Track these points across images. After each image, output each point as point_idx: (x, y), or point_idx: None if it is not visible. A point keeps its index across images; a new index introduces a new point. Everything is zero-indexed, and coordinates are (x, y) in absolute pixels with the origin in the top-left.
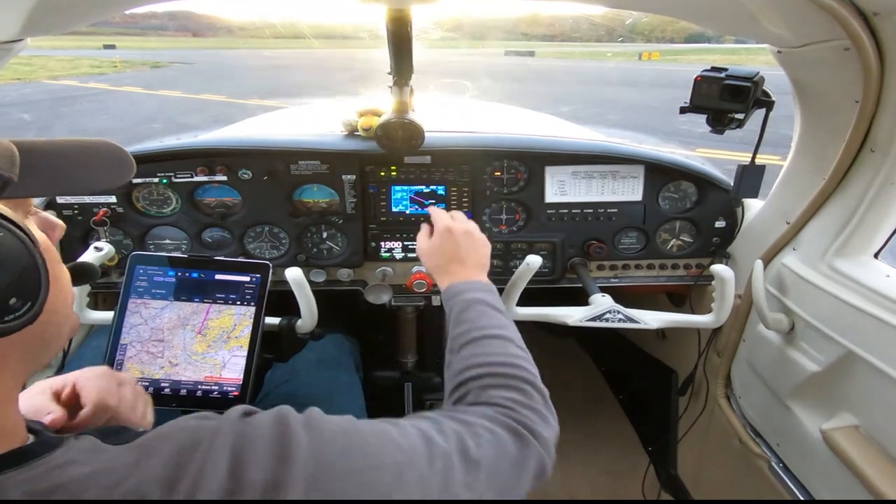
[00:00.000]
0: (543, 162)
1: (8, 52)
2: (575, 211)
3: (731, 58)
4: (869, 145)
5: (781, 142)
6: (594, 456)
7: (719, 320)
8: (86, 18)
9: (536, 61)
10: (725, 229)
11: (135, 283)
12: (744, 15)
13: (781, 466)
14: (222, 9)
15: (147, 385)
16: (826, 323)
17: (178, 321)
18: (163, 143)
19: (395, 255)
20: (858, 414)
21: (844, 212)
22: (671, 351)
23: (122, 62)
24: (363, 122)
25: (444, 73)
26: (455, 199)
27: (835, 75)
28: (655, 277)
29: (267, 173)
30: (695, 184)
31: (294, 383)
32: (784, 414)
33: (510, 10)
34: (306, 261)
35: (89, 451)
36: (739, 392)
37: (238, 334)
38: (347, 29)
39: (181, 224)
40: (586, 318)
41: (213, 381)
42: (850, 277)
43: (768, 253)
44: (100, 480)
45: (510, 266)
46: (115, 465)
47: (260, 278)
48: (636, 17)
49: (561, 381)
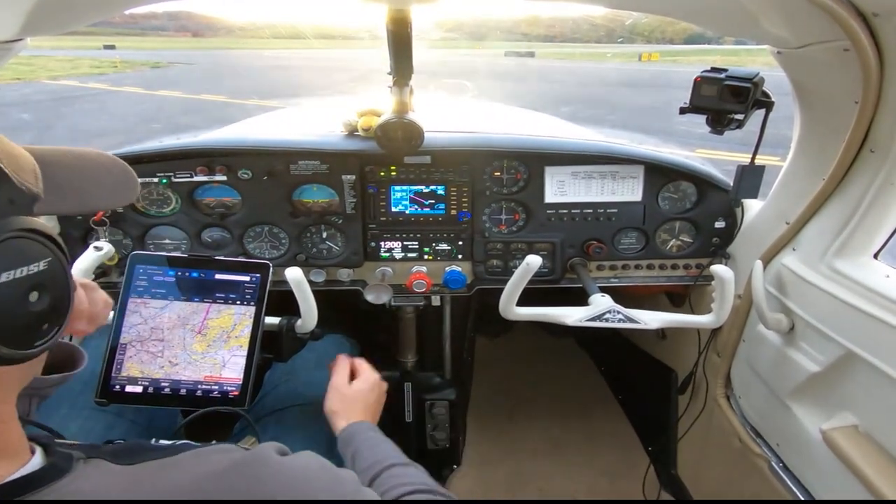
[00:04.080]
0: (543, 162)
1: (8, 52)
2: (575, 211)
3: (731, 58)
4: (868, 146)
5: (781, 142)
6: (594, 456)
7: (719, 320)
8: (86, 18)
9: (536, 62)
10: (725, 229)
11: (135, 282)
12: (744, 16)
13: (781, 466)
14: (222, 9)
15: (147, 385)
16: (826, 323)
17: (177, 321)
18: (163, 143)
19: (394, 255)
20: (858, 414)
21: (844, 212)
22: (671, 351)
23: (122, 62)
24: (363, 122)
25: (444, 73)
26: (455, 199)
27: (834, 76)
28: (655, 278)
29: (267, 173)
30: (694, 184)
31: (294, 383)
32: (784, 414)
33: (510, 11)
34: (306, 261)
35: (101, 475)
36: (739, 392)
37: (238, 334)
38: (347, 29)
39: (181, 224)
40: (586, 318)
41: (212, 381)
42: (850, 277)
43: (768, 253)
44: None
45: (510, 266)
46: (133, 486)
47: (260, 278)
48: (636, 18)
49: (560, 381)
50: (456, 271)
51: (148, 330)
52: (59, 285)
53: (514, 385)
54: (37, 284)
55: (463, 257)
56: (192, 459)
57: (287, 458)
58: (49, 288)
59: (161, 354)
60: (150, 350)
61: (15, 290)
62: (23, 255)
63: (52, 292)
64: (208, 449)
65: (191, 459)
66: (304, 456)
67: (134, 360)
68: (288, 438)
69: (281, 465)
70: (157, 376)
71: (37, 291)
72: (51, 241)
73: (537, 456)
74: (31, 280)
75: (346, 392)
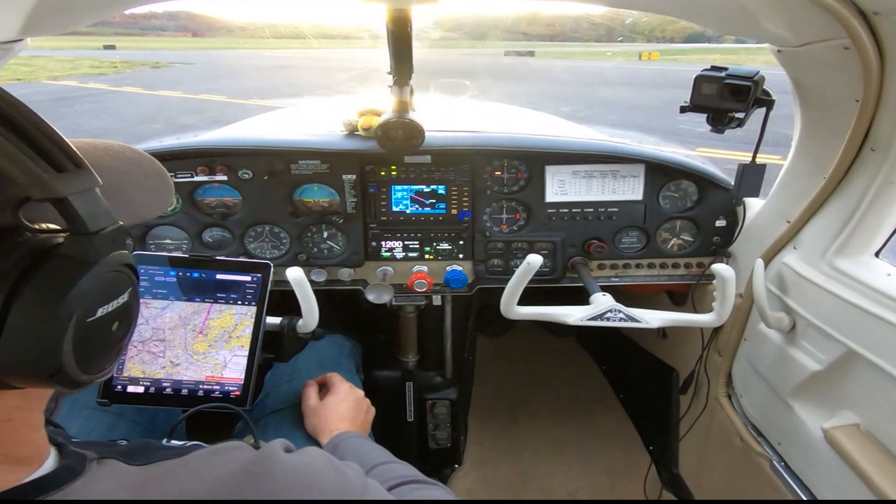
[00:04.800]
0: (544, 161)
1: (8, 52)
2: (575, 210)
3: (731, 57)
4: (869, 144)
5: (782, 141)
6: (595, 455)
7: (720, 319)
8: (86, 18)
9: (536, 61)
10: (726, 228)
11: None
12: (744, 14)
13: (783, 465)
14: (222, 9)
15: (149, 385)
16: (827, 322)
17: (179, 321)
18: (163, 143)
19: (395, 255)
20: (860, 412)
21: (845, 211)
22: (672, 350)
23: (122, 62)
24: (363, 122)
25: (444, 73)
26: (455, 199)
27: (835, 74)
28: (656, 277)
29: (267, 173)
30: (695, 183)
31: (295, 383)
32: (785, 413)
33: (510, 10)
34: (307, 260)
35: (114, 476)
36: (741, 391)
37: (239, 334)
38: (347, 29)
39: (182, 224)
40: (587, 318)
41: (214, 381)
42: (851, 276)
43: (769, 252)
44: None
45: (511, 265)
46: (143, 489)
47: (261, 278)
48: (636, 16)
49: (561, 380)
50: (457, 271)
51: (149, 330)
52: (133, 313)
53: (515, 384)
54: (120, 315)
55: (464, 257)
56: (203, 459)
57: (294, 456)
58: (127, 316)
59: (162, 355)
60: (151, 350)
61: (105, 323)
62: (115, 289)
63: (128, 319)
64: (219, 448)
65: (202, 459)
66: (310, 453)
67: (135, 361)
68: (289, 438)
69: (290, 463)
70: (159, 376)
71: (118, 321)
72: (132, 270)
73: (538, 455)
74: (117, 312)
75: (318, 409)
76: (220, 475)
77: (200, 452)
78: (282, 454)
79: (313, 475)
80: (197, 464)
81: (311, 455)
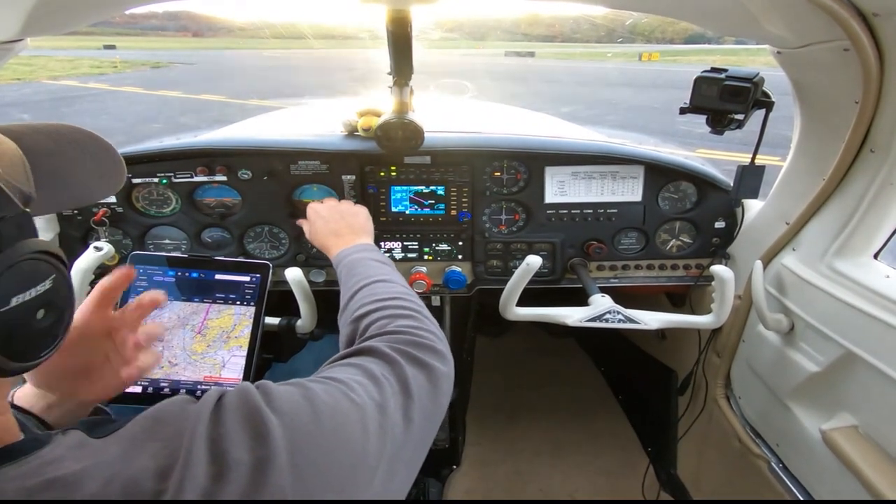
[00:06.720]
0: (543, 162)
1: (8, 52)
2: (575, 211)
3: (731, 58)
4: (869, 146)
5: (781, 142)
6: (594, 456)
7: (719, 321)
8: (86, 18)
9: (537, 62)
10: (725, 230)
11: (134, 282)
12: (744, 16)
13: (781, 467)
14: (222, 9)
15: (146, 385)
16: (826, 323)
17: (177, 321)
18: (162, 143)
19: (394, 255)
20: (858, 414)
21: (844, 212)
22: (671, 351)
23: (122, 62)
24: (363, 123)
25: (444, 74)
26: (455, 200)
27: (834, 76)
28: (655, 278)
29: (267, 173)
30: (694, 184)
31: None
32: (784, 414)
33: (510, 11)
34: (306, 261)
35: (77, 447)
36: (739, 392)
37: (238, 334)
38: (347, 29)
39: (181, 224)
40: (586, 319)
41: (212, 381)
42: (850, 278)
43: (768, 253)
44: (93, 474)
45: (510, 266)
46: (107, 459)
47: (260, 278)
48: (636, 17)
49: (561, 381)
50: (456, 271)
51: None
52: (63, 299)
53: (513, 385)
54: (44, 303)
55: (463, 257)
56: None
57: None
58: (54, 304)
59: (161, 354)
60: None
61: (24, 312)
62: (31, 277)
63: (56, 307)
64: (166, 402)
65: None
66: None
67: None
68: None
69: None
70: (157, 376)
71: (43, 309)
72: (54, 258)
73: (537, 456)
74: (39, 300)
75: (313, 240)
76: None
77: (138, 417)
78: None
79: None
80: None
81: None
